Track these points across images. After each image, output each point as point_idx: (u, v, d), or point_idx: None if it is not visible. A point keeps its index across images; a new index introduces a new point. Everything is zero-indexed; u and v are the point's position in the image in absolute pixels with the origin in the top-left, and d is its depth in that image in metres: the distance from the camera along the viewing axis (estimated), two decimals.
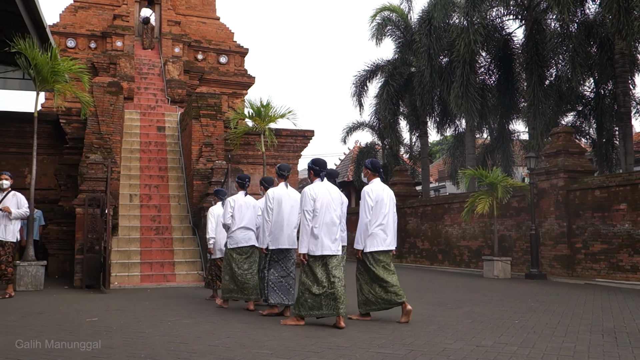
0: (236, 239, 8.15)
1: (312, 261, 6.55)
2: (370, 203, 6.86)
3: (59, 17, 20.11)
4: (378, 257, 6.87)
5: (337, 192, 6.90)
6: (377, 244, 6.85)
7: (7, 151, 16.52)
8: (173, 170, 15.48)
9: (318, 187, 6.69)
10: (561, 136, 14.62)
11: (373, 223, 6.87)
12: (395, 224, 7.08)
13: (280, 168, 7.58)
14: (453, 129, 26.17)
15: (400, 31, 25.24)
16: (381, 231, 6.87)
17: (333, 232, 6.61)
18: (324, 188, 6.72)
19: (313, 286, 6.49)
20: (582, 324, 6.75)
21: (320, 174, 6.82)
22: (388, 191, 7.04)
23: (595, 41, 18.54)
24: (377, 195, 6.90)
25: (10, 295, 9.33)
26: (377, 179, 7.07)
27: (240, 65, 21.71)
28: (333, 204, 6.70)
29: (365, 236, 6.88)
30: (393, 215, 7.03)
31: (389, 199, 6.97)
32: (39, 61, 11.07)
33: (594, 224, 13.25)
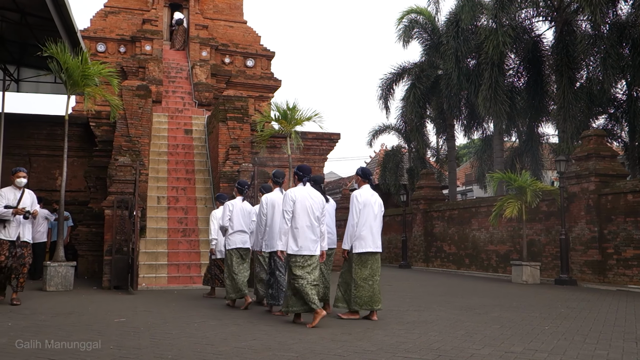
0: (234, 241, 8.76)
1: (293, 259, 6.88)
2: (359, 206, 7.34)
3: (90, 22, 20.47)
4: (366, 258, 7.29)
5: (319, 196, 7.18)
6: (365, 246, 7.29)
7: (39, 153, 16.87)
8: (200, 173, 15.60)
9: (299, 191, 7.06)
10: (592, 139, 14.34)
11: (361, 225, 7.31)
12: (380, 228, 7.52)
13: (275, 175, 8.26)
14: (481, 132, 25.91)
15: (427, 33, 25.08)
16: (368, 234, 7.31)
17: (312, 233, 6.94)
18: (305, 192, 7.07)
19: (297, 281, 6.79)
20: (615, 331, 6.59)
21: (303, 179, 7.17)
22: (376, 197, 7.55)
23: (627, 42, 18.15)
24: (365, 199, 7.39)
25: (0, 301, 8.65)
26: (366, 185, 7.60)
27: (266, 69, 21.81)
28: (313, 208, 7.00)
29: (353, 238, 7.31)
30: (380, 220, 7.50)
31: (376, 205, 7.47)
32: (70, 65, 11.26)
33: (626, 229, 12.95)
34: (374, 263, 7.36)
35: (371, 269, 7.31)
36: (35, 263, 13.17)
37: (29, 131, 16.72)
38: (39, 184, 16.80)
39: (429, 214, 20.94)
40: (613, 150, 15.10)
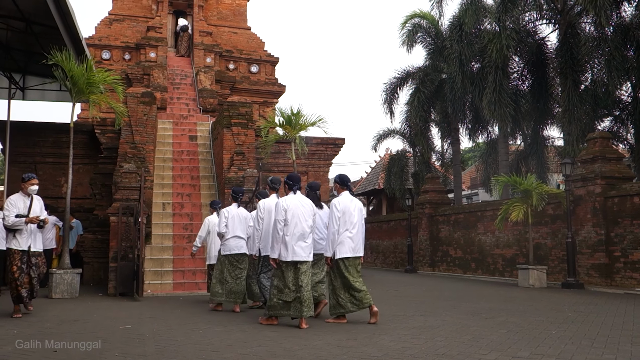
0: (229, 247, 8.97)
1: (285, 266, 7.14)
2: (337, 214, 7.48)
3: (95, 30, 20.56)
4: (348, 263, 7.43)
5: (310, 204, 7.46)
6: (346, 251, 7.42)
7: (45, 161, 16.93)
8: (205, 179, 15.63)
9: (290, 199, 7.34)
10: (598, 142, 14.29)
11: (341, 232, 7.46)
12: (362, 233, 7.68)
13: (272, 181, 8.60)
14: (485, 136, 25.84)
15: (430, 38, 25.08)
16: (349, 239, 7.46)
17: (303, 240, 7.21)
18: (296, 200, 7.35)
19: (284, 289, 7.09)
20: (623, 335, 6.54)
21: (293, 187, 7.46)
22: (356, 202, 7.69)
23: (632, 44, 18.08)
24: (344, 206, 7.53)
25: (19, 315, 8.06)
26: (345, 192, 7.72)
27: (271, 74, 21.84)
28: (304, 215, 7.29)
29: (335, 244, 7.44)
30: (361, 225, 7.64)
31: (356, 210, 7.60)
32: (75, 73, 11.32)
33: (633, 231, 12.88)
34: (357, 266, 7.54)
35: (356, 272, 7.49)
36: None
37: (35, 139, 16.79)
38: (45, 191, 16.82)
39: (434, 218, 20.89)
40: (619, 152, 15.05)
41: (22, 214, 7.95)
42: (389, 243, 24.79)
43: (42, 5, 10.51)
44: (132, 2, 21.32)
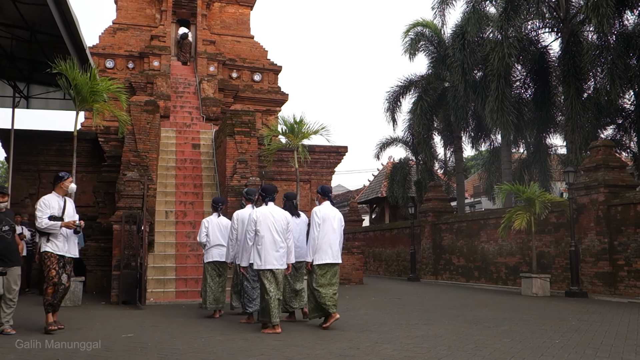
0: (212, 254, 9.47)
1: (262, 273, 7.58)
2: (318, 221, 7.87)
3: (99, 39, 20.67)
4: (325, 269, 7.85)
5: (282, 214, 7.85)
6: (325, 258, 7.83)
7: (48, 169, 16.96)
8: (208, 187, 15.64)
9: (262, 210, 7.78)
10: (601, 150, 14.27)
11: (321, 239, 7.85)
12: (341, 242, 8.09)
13: (247, 192, 9.00)
14: (488, 144, 25.85)
15: (433, 46, 25.14)
16: (327, 247, 7.86)
17: (275, 249, 7.61)
18: (267, 211, 7.77)
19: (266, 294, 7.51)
20: (627, 344, 6.51)
21: (266, 199, 7.87)
22: (336, 212, 8.14)
23: (634, 53, 18.10)
24: (324, 214, 7.94)
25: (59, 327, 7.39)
26: (326, 202, 8.15)
27: (273, 83, 21.90)
28: (276, 225, 7.67)
29: (314, 250, 7.84)
30: (340, 234, 8.05)
31: (336, 219, 8.03)
32: (79, 81, 11.36)
33: (637, 240, 12.83)
34: (332, 273, 7.92)
35: (330, 278, 7.88)
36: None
37: (39, 147, 16.85)
38: None
39: (437, 227, 20.85)
40: (622, 160, 15.02)
41: (56, 216, 7.37)
42: (391, 251, 24.73)
43: (47, 14, 10.57)
44: (136, 11, 21.44)
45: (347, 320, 8.78)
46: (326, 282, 7.80)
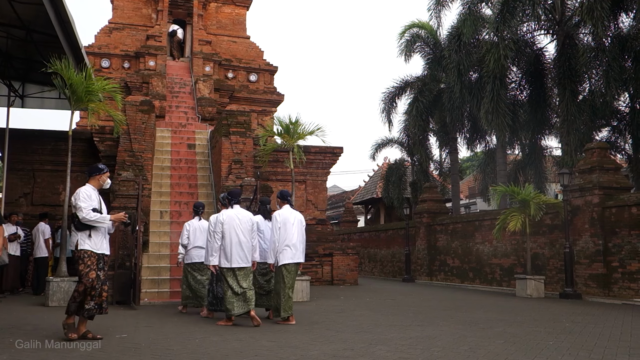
0: (191, 256, 9.96)
1: (225, 272, 8.14)
2: (278, 225, 8.40)
3: (94, 38, 20.62)
4: (290, 269, 8.37)
5: (247, 216, 8.41)
6: (286, 258, 8.34)
7: (43, 168, 16.93)
8: (203, 187, 15.62)
9: (227, 213, 8.34)
10: (595, 152, 14.32)
11: (282, 242, 8.37)
12: (302, 243, 8.60)
13: (229, 194, 9.02)
14: (483, 145, 25.89)
15: (429, 47, 25.17)
16: (288, 248, 8.37)
17: (241, 249, 8.16)
18: (233, 213, 8.32)
19: (228, 291, 8.10)
20: (620, 346, 6.53)
21: (232, 202, 8.42)
22: (296, 215, 8.63)
23: (629, 55, 18.17)
24: (283, 218, 8.45)
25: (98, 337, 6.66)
26: (286, 206, 8.65)
27: (269, 83, 21.89)
28: (241, 227, 8.23)
29: (276, 252, 8.38)
30: (300, 235, 8.54)
31: (296, 222, 8.51)
32: (74, 81, 11.34)
33: (631, 242, 12.88)
34: (295, 273, 8.49)
35: (293, 277, 8.44)
36: (39, 278, 13.21)
37: (34, 146, 16.80)
38: (43, 199, 16.85)
39: (432, 228, 20.88)
40: (617, 162, 15.06)
41: (98, 209, 6.84)
42: (386, 252, 24.76)
43: (42, 13, 10.55)
44: (132, 11, 21.40)
45: (341, 321, 8.79)
46: (290, 282, 8.35)
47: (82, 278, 6.58)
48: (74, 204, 6.74)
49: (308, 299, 12.32)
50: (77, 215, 6.69)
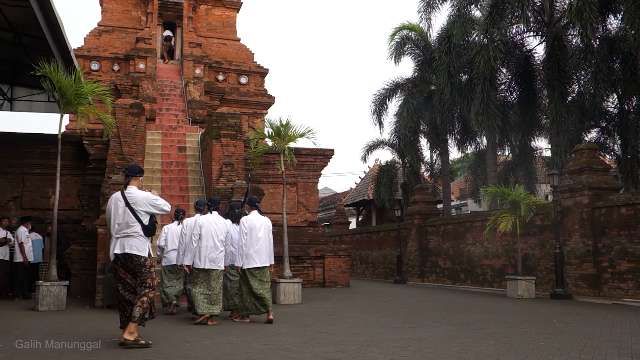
0: (169, 259, 10.37)
1: (198, 272, 8.69)
2: (245, 230, 8.86)
3: (84, 41, 20.49)
4: (254, 273, 8.83)
5: (223, 223, 8.96)
6: (252, 263, 8.80)
7: (32, 172, 16.82)
8: (194, 190, 15.57)
9: (205, 218, 8.92)
10: (585, 153, 14.41)
11: (249, 246, 8.82)
12: (269, 247, 9.05)
13: (197, 203, 9.87)
14: (474, 147, 26.00)
15: (419, 49, 25.25)
16: (255, 252, 8.83)
17: (213, 252, 8.73)
18: (211, 219, 8.90)
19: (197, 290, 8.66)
20: (610, 346, 6.57)
21: (211, 207, 9.02)
22: (264, 220, 9.10)
23: (618, 56, 18.32)
24: (250, 223, 8.92)
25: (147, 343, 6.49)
26: (254, 211, 9.13)
27: (260, 86, 21.87)
28: (217, 232, 8.80)
29: (243, 256, 8.83)
30: (267, 240, 9.01)
31: (262, 227, 8.98)
32: (63, 84, 11.27)
33: (620, 242, 12.97)
34: (262, 275, 8.90)
35: (260, 280, 8.84)
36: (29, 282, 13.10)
37: (22, 150, 16.68)
38: (32, 202, 16.74)
39: (423, 229, 20.93)
40: (606, 163, 15.16)
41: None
42: (378, 254, 24.79)
43: (31, 16, 10.50)
44: (122, 14, 21.30)
45: (333, 323, 8.79)
46: (257, 285, 8.79)
47: (156, 287, 6.71)
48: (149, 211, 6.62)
49: (300, 302, 12.31)
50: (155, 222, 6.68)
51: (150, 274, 6.56)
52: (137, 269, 6.52)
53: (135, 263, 6.53)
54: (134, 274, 6.57)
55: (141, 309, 6.36)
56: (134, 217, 6.54)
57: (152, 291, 6.54)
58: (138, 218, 6.55)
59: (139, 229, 6.55)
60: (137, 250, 6.53)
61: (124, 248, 6.52)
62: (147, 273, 6.54)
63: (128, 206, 6.56)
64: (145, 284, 6.50)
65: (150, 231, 6.66)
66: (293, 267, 15.29)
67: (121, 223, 6.56)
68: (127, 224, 6.54)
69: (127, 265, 6.57)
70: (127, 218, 6.55)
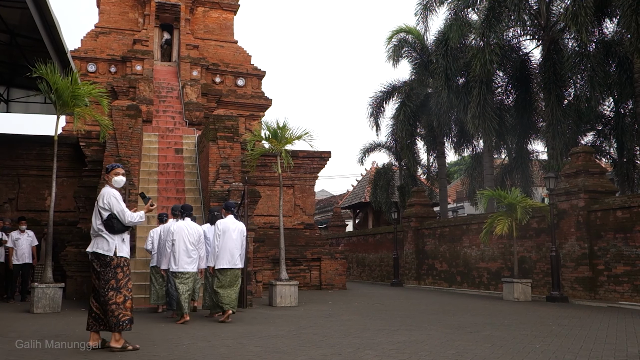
0: (156, 260, 10.70)
1: (175, 274, 9.33)
2: (219, 232, 9.53)
3: (80, 43, 20.48)
4: (225, 273, 9.46)
5: (195, 228, 9.55)
6: (223, 263, 9.46)
7: (28, 174, 16.77)
8: (190, 192, 15.55)
9: (177, 224, 9.52)
10: (581, 156, 14.44)
11: (221, 248, 9.46)
12: (242, 249, 9.81)
13: (173, 209, 10.20)
14: (471, 150, 26.07)
15: (416, 52, 25.30)
16: (226, 254, 9.48)
17: (187, 256, 9.36)
18: (183, 225, 9.50)
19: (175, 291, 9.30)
20: (606, 349, 6.58)
21: (183, 214, 9.59)
22: (238, 224, 9.81)
23: (614, 60, 18.39)
24: (224, 227, 9.57)
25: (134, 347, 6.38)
26: (230, 216, 9.79)
27: (257, 88, 21.87)
28: (189, 237, 9.40)
29: (215, 257, 9.49)
30: (239, 243, 9.69)
31: (236, 231, 9.66)
32: (60, 85, 11.24)
33: (616, 245, 13.00)
34: (232, 276, 9.51)
35: (230, 281, 9.46)
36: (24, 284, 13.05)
37: (18, 151, 16.62)
38: (28, 204, 16.69)
39: (420, 232, 20.94)
40: (602, 166, 15.21)
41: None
42: (375, 256, 24.79)
43: (27, 18, 10.49)
44: (119, 15, 21.30)
45: (329, 325, 8.78)
46: (226, 284, 9.41)
47: (122, 289, 6.23)
48: (109, 207, 6.32)
49: (296, 304, 12.30)
50: (112, 218, 6.30)
51: (115, 274, 6.23)
52: (101, 269, 6.25)
53: (101, 262, 6.28)
54: (97, 274, 6.31)
55: (114, 318, 6.11)
56: (98, 214, 6.39)
57: (120, 295, 6.17)
58: (100, 215, 6.36)
59: (102, 226, 6.33)
60: (102, 249, 6.30)
61: (92, 247, 6.38)
62: (110, 274, 6.22)
63: (96, 203, 6.47)
64: (109, 286, 6.18)
65: (111, 226, 6.29)
66: (289, 269, 15.28)
67: (93, 221, 6.46)
68: (94, 222, 6.42)
69: (94, 264, 6.36)
70: (95, 215, 6.44)
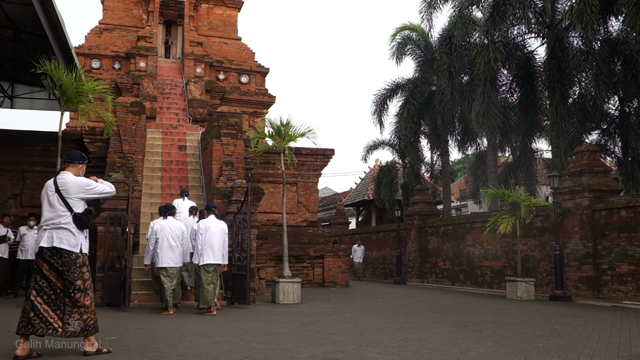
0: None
1: (159, 270, 10.18)
2: (201, 231, 10.22)
3: (85, 39, 20.50)
4: (208, 269, 10.11)
5: (177, 225, 10.51)
6: (206, 260, 10.14)
7: (32, 170, 16.79)
8: (194, 189, 15.56)
9: (161, 222, 10.44)
10: (585, 155, 14.40)
11: (203, 246, 10.14)
12: (223, 247, 10.39)
13: (164, 207, 10.76)
14: (474, 148, 26.00)
15: (420, 50, 25.25)
16: (209, 251, 10.16)
17: (171, 252, 10.27)
18: (165, 223, 10.38)
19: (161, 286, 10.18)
20: (609, 349, 6.56)
21: (165, 213, 10.50)
22: (219, 224, 10.47)
23: (619, 58, 18.30)
24: (205, 226, 10.26)
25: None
26: (212, 216, 10.50)
27: (261, 85, 21.86)
28: (172, 234, 10.32)
29: (199, 255, 10.18)
30: (221, 241, 10.32)
31: (217, 229, 10.32)
32: (64, 82, 11.23)
33: (620, 244, 12.96)
34: (214, 272, 10.16)
35: (212, 276, 10.08)
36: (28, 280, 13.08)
37: (23, 147, 16.65)
38: (32, 200, 16.70)
39: (423, 230, 20.92)
40: (606, 165, 15.15)
41: None
42: (378, 254, 24.78)
43: (32, 14, 10.47)
44: (123, 12, 21.30)
45: (332, 323, 8.78)
46: (211, 279, 10.02)
47: (88, 290, 5.74)
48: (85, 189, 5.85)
49: (299, 301, 12.30)
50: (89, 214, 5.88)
51: (81, 274, 5.70)
52: (65, 267, 5.64)
53: (65, 260, 5.65)
54: (58, 273, 5.66)
55: (81, 322, 5.60)
56: (65, 206, 5.74)
57: (87, 297, 5.67)
58: (69, 206, 5.74)
59: (69, 219, 5.72)
60: (68, 245, 5.70)
61: (52, 241, 5.67)
62: (77, 273, 5.68)
63: (58, 192, 5.75)
64: (75, 286, 5.63)
65: (82, 222, 5.78)
66: (292, 266, 15.28)
67: (52, 212, 5.74)
68: (57, 213, 5.73)
69: (54, 261, 5.66)
70: (57, 206, 5.73)
